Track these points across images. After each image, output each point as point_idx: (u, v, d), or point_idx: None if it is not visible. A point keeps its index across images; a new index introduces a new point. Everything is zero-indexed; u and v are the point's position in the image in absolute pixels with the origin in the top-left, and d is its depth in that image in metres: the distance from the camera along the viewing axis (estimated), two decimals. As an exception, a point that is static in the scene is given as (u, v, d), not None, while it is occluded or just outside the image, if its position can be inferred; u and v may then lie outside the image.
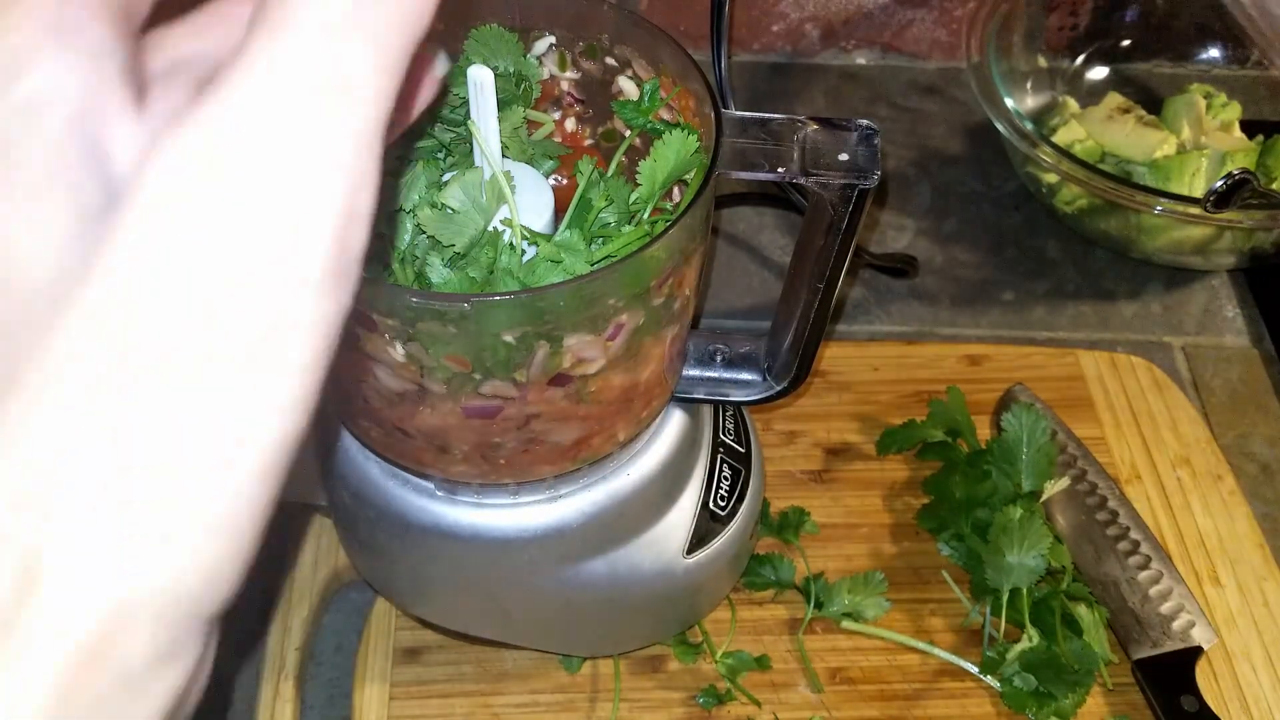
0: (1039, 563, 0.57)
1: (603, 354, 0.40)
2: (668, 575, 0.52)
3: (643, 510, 0.51)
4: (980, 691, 0.58)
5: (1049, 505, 0.62)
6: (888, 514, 0.65)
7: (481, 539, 0.48)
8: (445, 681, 0.57)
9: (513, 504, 0.48)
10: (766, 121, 0.42)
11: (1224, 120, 0.78)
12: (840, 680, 0.58)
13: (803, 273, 0.46)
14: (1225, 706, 0.57)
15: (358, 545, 0.53)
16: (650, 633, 0.57)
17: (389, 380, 0.41)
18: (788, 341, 0.49)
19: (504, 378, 0.40)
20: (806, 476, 0.67)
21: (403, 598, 0.55)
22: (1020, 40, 0.81)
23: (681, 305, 0.44)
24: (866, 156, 0.41)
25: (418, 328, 0.38)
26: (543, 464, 0.45)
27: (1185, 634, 0.59)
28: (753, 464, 0.56)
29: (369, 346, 0.39)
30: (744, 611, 0.60)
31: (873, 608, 0.60)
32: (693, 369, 0.51)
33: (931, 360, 0.72)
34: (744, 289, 0.77)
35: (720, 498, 0.53)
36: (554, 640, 0.56)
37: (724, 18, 0.63)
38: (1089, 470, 0.65)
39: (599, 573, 0.50)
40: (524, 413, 0.42)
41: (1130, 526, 0.63)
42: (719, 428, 0.55)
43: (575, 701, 0.57)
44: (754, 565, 0.60)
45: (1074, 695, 0.55)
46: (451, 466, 0.45)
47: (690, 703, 0.57)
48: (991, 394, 0.70)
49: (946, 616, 0.61)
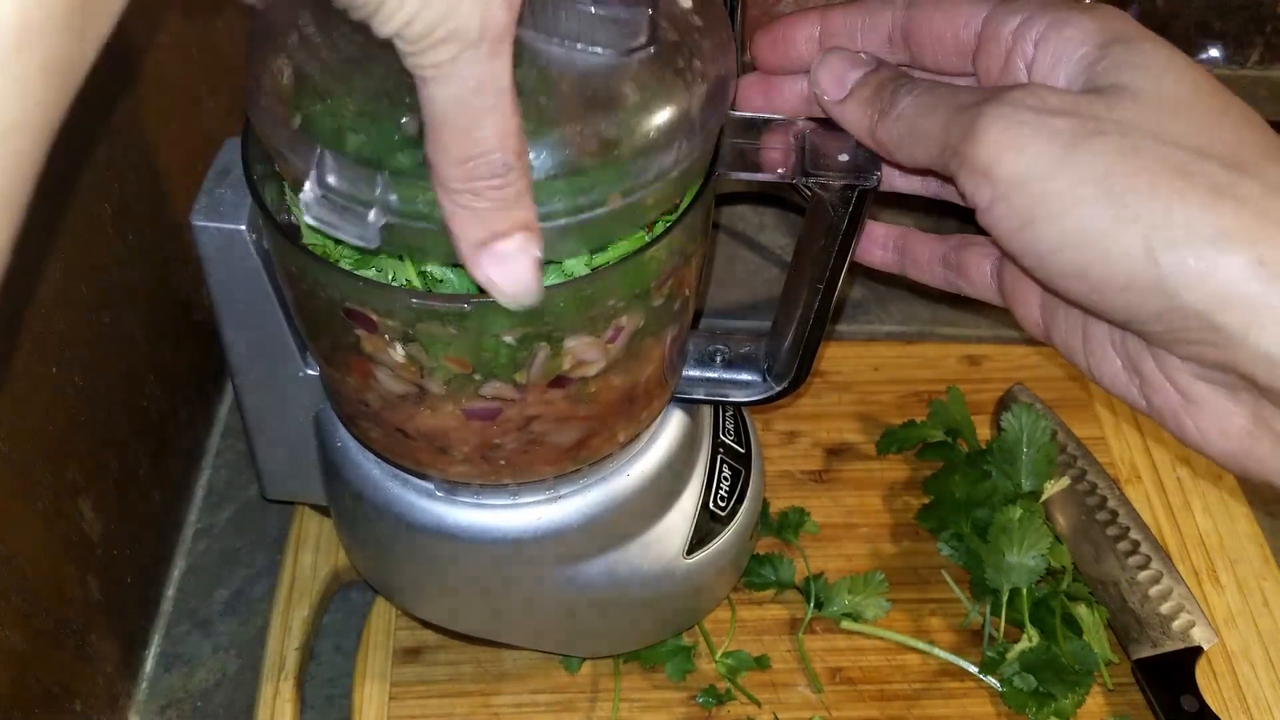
0: (1039, 563, 0.57)
1: (603, 355, 0.40)
2: (668, 576, 0.52)
3: (643, 511, 0.51)
4: (980, 691, 0.58)
5: (1049, 505, 0.62)
6: (888, 514, 0.65)
7: (481, 539, 0.48)
8: (445, 681, 0.57)
9: (513, 504, 0.48)
10: (767, 121, 0.42)
11: (1224, 120, 0.78)
12: (840, 680, 0.58)
13: (803, 273, 0.46)
14: (1225, 706, 0.57)
15: (358, 545, 0.53)
16: (650, 633, 0.57)
17: (389, 382, 0.41)
18: (788, 342, 0.49)
19: (504, 379, 0.40)
20: (806, 476, 0.67)
21: (403, 598, 0.55)
22: (1020, 40, 0.81)
23: (681, 306, 0.44)
24: (867, 157, 0.41)
25: (417, 328, 0.38)
26: (543, 465, 0.46)
27: (1185, 634, 0.59)
28: (753, 464, 0.56)
29: (369, 347, 0.40)
30: (744, 611, 0.60)
31: (873, 608, 0.60)
32: (693, 369, 0.51)
33: (931, 360, 0.72)
34: (744, 287, 0.77)
35: (720, 498, 0.53)
36: (554, 641, 0.56)
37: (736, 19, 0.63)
38: (1089, 470, 0.65)
39: (599, 573, 0.50)
40: (524, 414, 0.42)
41: (1130, 526, 0.63)
42: (719, 428, 0.55)
43: (575, 701, 0.57)
44: (754, 565, 0.60)
45: (1074, 695, 0.55)
46: (451, 467, 0.45)
47: (690, 703, 0.57)
48: (991, 394, 0.70)
49: (946, 616, 0.61)
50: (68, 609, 0.50)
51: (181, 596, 0.62)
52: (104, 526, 0.53)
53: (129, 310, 0.56)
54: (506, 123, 0.30)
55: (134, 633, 0.58)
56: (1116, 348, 0.37)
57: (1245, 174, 0.31)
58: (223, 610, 0.61)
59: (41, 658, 0.48)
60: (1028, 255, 0.34)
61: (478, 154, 0.30)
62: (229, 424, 0.69)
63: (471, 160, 0.30)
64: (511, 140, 0.30)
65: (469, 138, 0.30)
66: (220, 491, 0.66)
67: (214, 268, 0.44)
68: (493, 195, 0.31)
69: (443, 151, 0.30)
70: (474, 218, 0.32)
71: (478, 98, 0.29)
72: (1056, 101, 0.33)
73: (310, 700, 0.58)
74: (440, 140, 0.30)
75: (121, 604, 0.56)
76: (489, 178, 0.31)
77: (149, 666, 0.59)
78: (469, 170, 0.30)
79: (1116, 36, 0.34)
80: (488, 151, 0.30)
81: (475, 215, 0.32)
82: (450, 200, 0.32)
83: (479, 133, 0.30)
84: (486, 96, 0.29)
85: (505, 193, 0.31)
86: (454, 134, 0.30)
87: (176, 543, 0.63)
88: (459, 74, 0.28)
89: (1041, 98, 0.33)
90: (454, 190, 0.31)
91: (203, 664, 0.59)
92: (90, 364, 0.52)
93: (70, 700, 0.50)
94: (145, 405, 0.58)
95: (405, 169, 0.33)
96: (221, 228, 0.42)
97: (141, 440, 0.58)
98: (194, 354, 0.65)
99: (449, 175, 0.31)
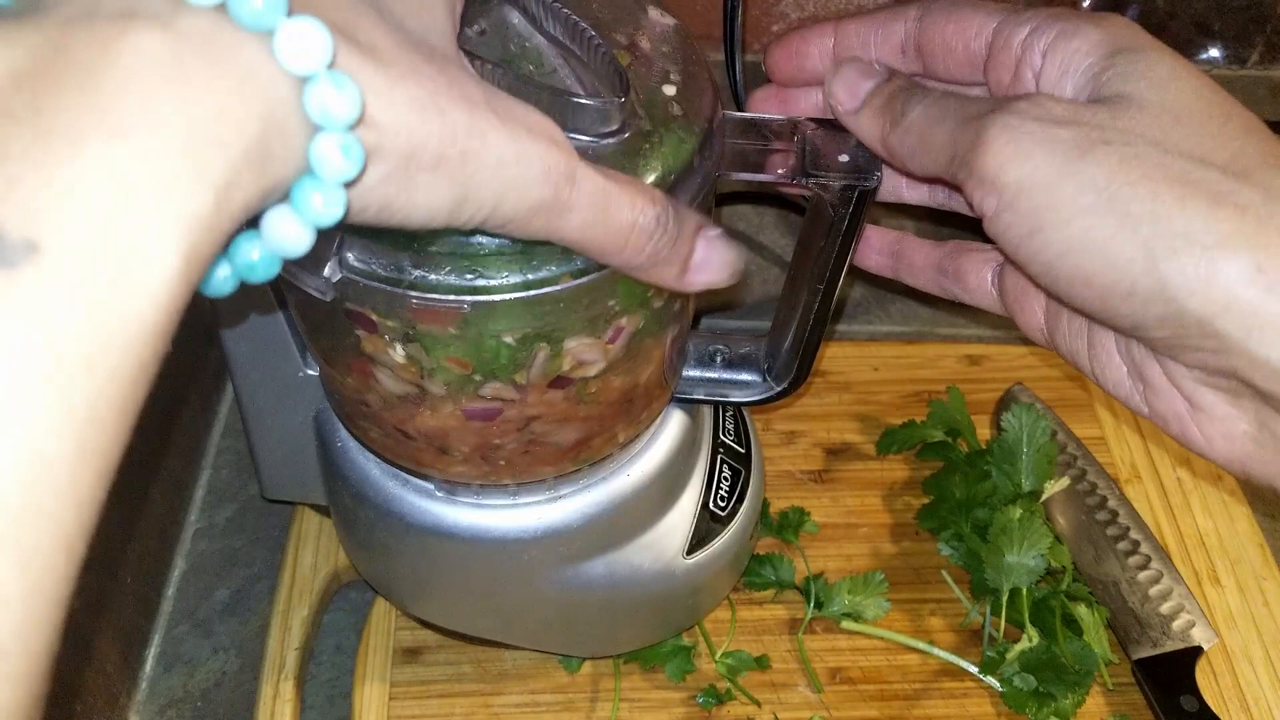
0: (1039, 563, 0.57)
1: (603, 356, 0.40)
2: (667, 576, 0.52)
3: (643, 511, 0.51)
4: (980, 691, 0.58)
5: (1049, 505, 0.62)
6: (888, 514, 0.65)
7: (481, 539, 0.48)
8: (445, 681, 0.57)
9: (512, 504, 0.48)
10: (767, 122, 0.42)
11: (1224, 120, 0.78)
12: (840, 680, 0.58)
13: (803, 274, 0.46)
14: (1225, 706, 0.57)
15: (358, 545, 0.53)
16: (650, 633, 0.57)
17: (389, 382, 0.41)
18: (788, 342, 0.49)
19: (504, 380, 0.40)
20: (806, 476, 0.67)
21: (402, 598, 0.55)
22: (1020, 40, 0.81)
23: (681, 306, 0.44)
24: (867, 157, 0.41)
25: (417, 329, 0.38)
26: (543, 465, 0.46)
27: (1185, 634, 0.59)
28: (753, 464, 0.56)
29: (369, 348, 0.39)
30: (744, 611, 0.60)
31: (873, 608, 0.60)
32: (693, 370, 0.51)
33: (931, 360, 0.72)
34: (744, 287, 0.77)
35: (720, 498, 0.53)
36: (554, 641, 0.56)
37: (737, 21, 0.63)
38: (1089, 470, 0.65)
39: (599, 574, 0.50)
40: (524, 414, 0.42)
41: (1130, 526, 0.63)
42: (719, 428, 0.55)
43: (575, 701, 0.57)
44: (754, 565, 0.60)
45: (1074, 695, 0.55)
46: (451, 467, 0.45)
47: (690, 703, 0.57)
48: (991, 394, 0.70)
49: (946, 616, 0.61)
50: (68, 609, 0.50)
51: (181, 596, 0.62)
52: (103, 526, 0.53)
53: (129, 310, 0.56)
54: (624, 195, 0.32)
55: (134, 633, 0.58)
56: (1121, 354, 0.38)
57: (1246, 181, 0.32)
58: (223, 610, 0.61)
59: (41, 658, 0.48)
60: (1034, 263, 0.34)
61: (629, 237, 0.33)
62: (229, 424, 0.69)
63: (630, 243, 0.33)
64: (638, 199, 0.33)
65: (614, 234, 0.33)
66: (220, 491, 0.66)
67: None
68: (664, 242, 0.34)
69: (612, 256, 0.34)
70: (666, 264, 0.35)
71: (592, 211, 0.31)
72: (1061, 111, 0.33)
73: (310, 700, 0.58)
74: (603, 254, 0.33)
75: (121, 604, 0.56)
76: (651, 238, 0.34)
77: (149, 666, 0.59)
78: (635, 248, 0.33)
79: (1122, 47, 0.35)
80: (633, 227, 0.33)
81: (665, 262, 0.35)
82: (644, 273, 0.35)
83: (617, 224, 0.32)
84: (598, 200, 0.31)
85: (670, 231, 0.34)
86: (605, 243, 0.33)
87: (176, 543, 0.63)
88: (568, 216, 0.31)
89: (1046, 108, 0.33)
90: (642, 267, 0.34)
91: (203, 664, 0.59)
92: (90, 364, 0.51)
93: (70, 700, 0.51)
94: (145, 405, 0.58)
95: None
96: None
97: (141, 440, 0.58)
98: (194, 354, 0.65)
99: (630, 262, 0.34)
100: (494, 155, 0.28)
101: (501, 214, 0.29)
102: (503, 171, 0.28)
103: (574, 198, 0.31)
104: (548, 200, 0.30)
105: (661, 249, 0.34)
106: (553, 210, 0.30)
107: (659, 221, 0.33)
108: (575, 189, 0.31)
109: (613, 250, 0.33)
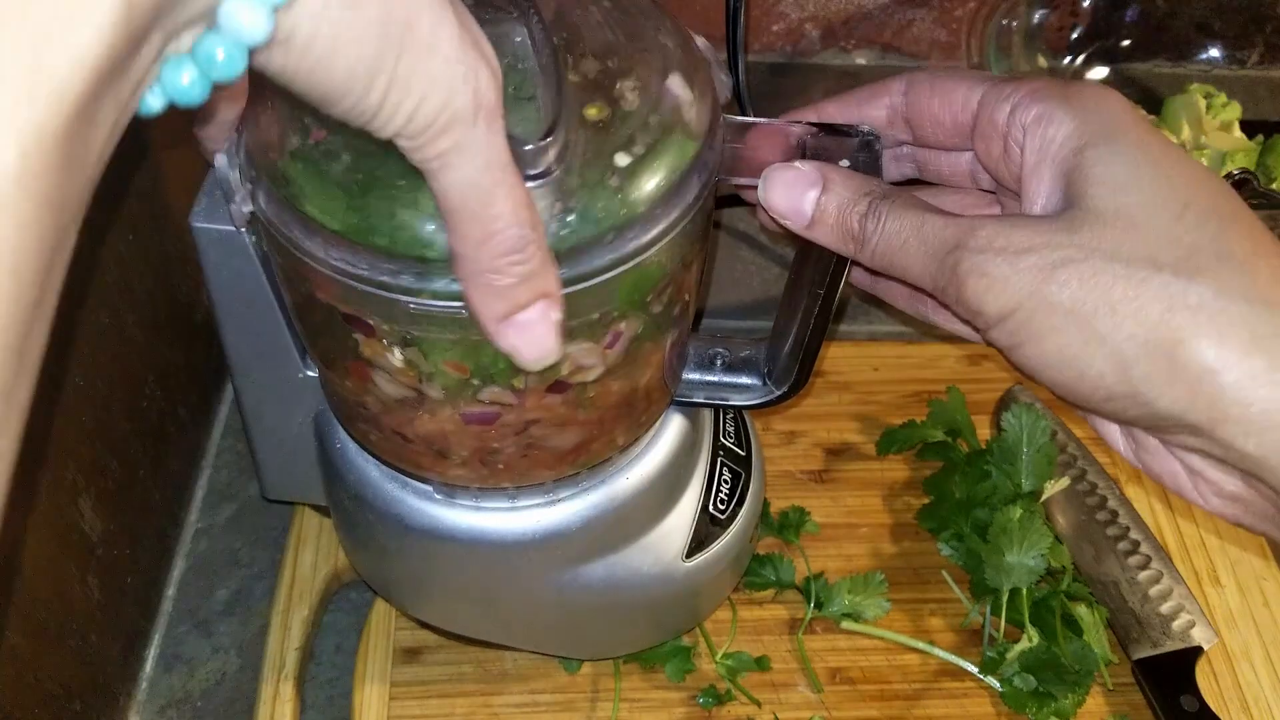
0: (1039, 563, 0.57)
1: (601, 361, 0.40)
2: (667, 579, 0.52)
3: (642, 514, 0.51)
4: (980, 691, 0.58)
5: (1049, 505, 0.62)
6: (888, 514, 0.65)
7: (480, 542, 0.48)
8: (445, 681, 0.57)
9: (511, 507, 0.48)
10: (767, 126, 0.42)
11: (1224, 120, 0.78)
12: (840, 680, 0.58)
13: (803, 278, 0.46)
14: (1225, 706, 0.58)
15: (357, 546, 0.53)
16: (650, 636, 0.57)
17: (388, 386, 0.41)
18: (788, 346, 0.49)
19: (502, 384, 0.40)
20: (806, 476, 0.67)
21: (402, 599, 0.55)
22: (1020, 40, 0.81)
23: (681, 311, 0.44)
24: (868, 162, 0.41)
25: (415, 333, 0.38)
26: (542, 468, 0.45)
27: (1185, 634, 0.59)
28: (753, 467, 0.56)
29: (367, 351, 0.39)
30: (744, 612, 0.60)
31: (873, 608, 0.60)
32: (692, 373, 0.51)
33: (931, 360, 0.72)
34: (744, 287, 0.77)
35: (720, 501, 0.53)
36: (553, 643, 0.56)
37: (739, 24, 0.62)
38: (1089, 470, 0.65)
39: (598, 577, 0.50)
40: (523, 418, 0.42)
41: (1130, 526, 0.63)
42: (719, 431, 0.55)
43: (575, 702, 0.57)
44: (754, 565, 0.60)
45: (1074, 695, 0.55)
46: (450, 470, 0.45)
47: (690, 703, 0.57)
48: (991, 394, 0.70)
49: (946, 616, 0.61)
50: (68, 609, 0.50)
51: (181, 596, 0.62)
52: (104, 526, 0.53)
53: (129, 310, 0.56)
54: (516, 194, 0.31)
55: (134, 633, 0.58)
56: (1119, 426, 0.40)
57: (1195, 280, 0.34)
58: (223, 610, 0.61)
59: (41, 658, 0.48)
60: (1024, 369, 0.37)
61: (495, 231, 0.31)
62: (229, 424, 0.69)
63: (491, 239, 0.31)
64: (524, 212, 0.31)
65: (485, 216, 0.31)
66: (220, 491, 0.66)
67: (214, 269, 0.44)
68: (516, 270, 0.32)
69: (463, 238, 0.31)
70: (496, 295, 0.33)
71: (486, 175, 0.30)
72: (1023, 239, 0.35)
73: (310, 700, 0.58)
74: (460, 228, 0.31)
75: (121, 604, 0.56)
76: (509, 254, 0.32)
77: (149, 666, 0.59)
78: (491, 249, 0.31)
79: (1088, 140, 0.36)
80: (504, 228, 0.31)
81: (497, 293, 0.33)
82: (473, 282, 0.33)
83: (493, 209, 0.30)
84: (493, 172, 0.30)
85: (527, 266, 0.32)
86: (471, 217, 0.31)
87: (176, 543, 0.63)
88: (465, 156, 0.29)
89: (1009, 238, 0.36)
90: (477, 272, 0.32)
91: (203, 664, 0.59)
92: (90, 364, 0.52)
93: (70, 700, 0.51)
94: (145, 405, 0.58)
95: None
96: (222, 229, 0.42)
97: (141, 440, 0.58)
98: (194, 354, 0.65)
99: (472, 259, 0.32)
100: (442, 46, 0.27)
101: (422, 115, 0.27)
102: (440, 65, 0.27)
103: (484, 140, 0.29)
104: (465, 121, 0.28)
105: (506, 271, 0.32)
106: (461, 142, 0.28)
107: (526, 245, 0.32)
108: (489, 133, 0.29)
109: (471, 237, 0.31)
